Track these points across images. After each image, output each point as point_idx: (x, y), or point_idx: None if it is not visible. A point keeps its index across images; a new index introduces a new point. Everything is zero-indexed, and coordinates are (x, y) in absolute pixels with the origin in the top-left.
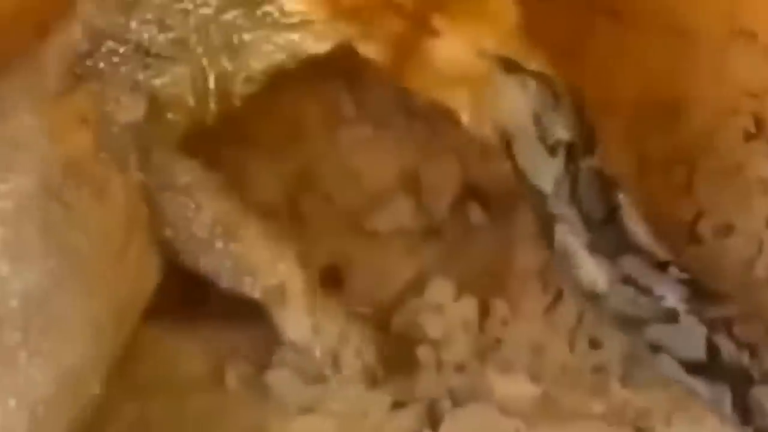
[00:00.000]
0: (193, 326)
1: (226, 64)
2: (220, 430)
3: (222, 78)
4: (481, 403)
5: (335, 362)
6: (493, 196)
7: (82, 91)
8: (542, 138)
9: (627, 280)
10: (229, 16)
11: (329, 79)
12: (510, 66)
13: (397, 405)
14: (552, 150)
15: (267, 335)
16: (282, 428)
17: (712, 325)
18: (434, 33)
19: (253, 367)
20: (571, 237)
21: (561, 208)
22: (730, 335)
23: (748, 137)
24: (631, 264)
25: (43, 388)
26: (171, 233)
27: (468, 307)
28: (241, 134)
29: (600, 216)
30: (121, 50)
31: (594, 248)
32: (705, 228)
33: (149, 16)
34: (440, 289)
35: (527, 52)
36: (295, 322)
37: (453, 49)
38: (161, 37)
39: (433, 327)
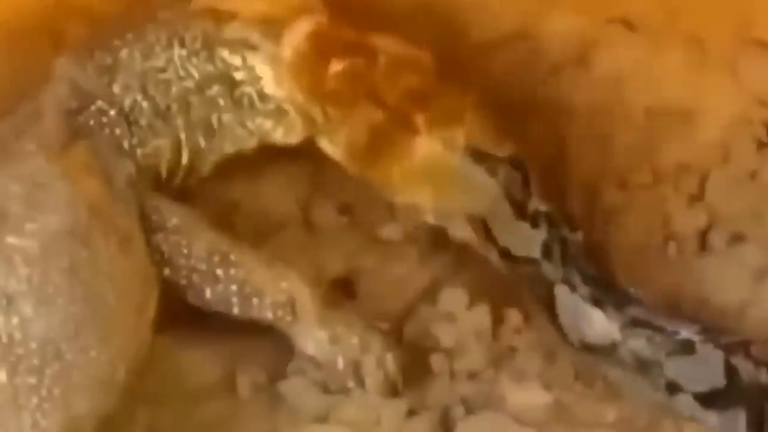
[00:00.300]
0: (206, 334)
1: (201, 142)
2: None
3: (194, 154)
4: (494, 410)
5: (357, 373)
6: None
7: (79, 144)
8: (520, 213)
9: (638, 323)
10: (211, 92)
11: None
12: (479, 156)
13: (411, 413)
14: (533, 221)
15: (279, 343)
16: None
17: (728, 349)
18: (414, 130)
19: (266, 374)
20: (573, 295)
21: (556, 270)
22: (748, 356)
23: (760, 146)
24: (637, 310)
25: None
26: (171, 272)
27: (481, 315)
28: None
29: (595, 272)
30: (111, 112)
31: (598, 302)
32: (717, 237)
33: (132, 82)
34: (453, 298)
35: (495, 140)
36: (311, 336)
37: (428, 146)
38: (144, 105)
39: (446, 336)
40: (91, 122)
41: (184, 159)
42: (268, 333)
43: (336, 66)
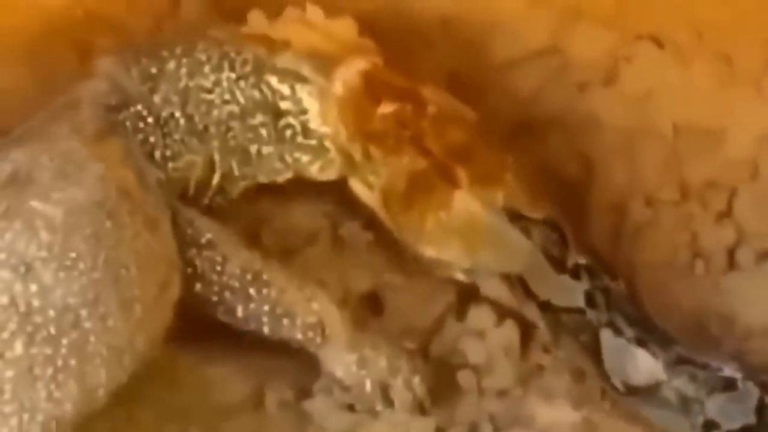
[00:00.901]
0: (234, 351)
1: (235, 168)
2: None
3: (226, 178)
4: (522, 428)
5: (386, 395)
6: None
7: (113, 139)
8: (560, 268)
9: (682, 361)
10: (254, 120)
11: None
12: (514, 217)
13: (439, 430)
14: (574, 274)
15: (306, 361)
16: None
17: (764, 386)
18: (455, 184)
19: (293, 392)
20: (618, 339)
21: (601, 315)
22: None
23: None
24: (680, 349)
25: (61, 406)
26: (202, 288)
27: (509, 333)
28: None
29: (638, 315)
30: (149, 119)
31: (643, 342)
32: (745, 254)
33: (173, 96)
34: (481, 315)
35: (532, 202)
36: (339, 359)
37: (467, 202)
38: (181, 121)
39: (474, 353)
40: (128, 123)
41: (215, 180)
42: (295, 350)
43: (385, 108)
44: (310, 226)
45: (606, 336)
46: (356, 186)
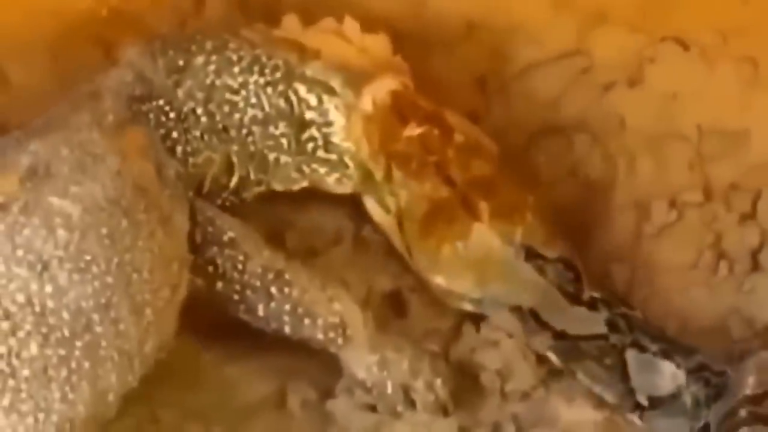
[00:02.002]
0: (256, 350)
1: (252, 173)
2: None
3: (241, 181)
4: (545, 428)
5: (407, 397)
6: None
7: (136, 128)
8: (576, 301)
9: (702, 368)
10: (276, 130)
11: None
12: (530, 254)
13: (462, 430)
14: (591, 306)
15: (329, 360)
16: None
17: None
18: (476, 216)
19: (316, 391)
20: (645, 355)
21: (625, 338)
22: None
23: None
24: (701, 357)
25: (75, 408)
26: (223, 287)
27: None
28: None
29: (659, 330)
30: (171, 114)
31: (667, 354)
32: None
33: (197, 92)
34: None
35: (549, 241)
36: (361, 360)
37: (486, 235)
38: (203, 119)
39: (495, 354)
40: (151, 116)
41: (233, 182)
42: (318, 350)
43: (413, 130)
44: (334, 226)
45: (631, 355)
46: (370, 204)
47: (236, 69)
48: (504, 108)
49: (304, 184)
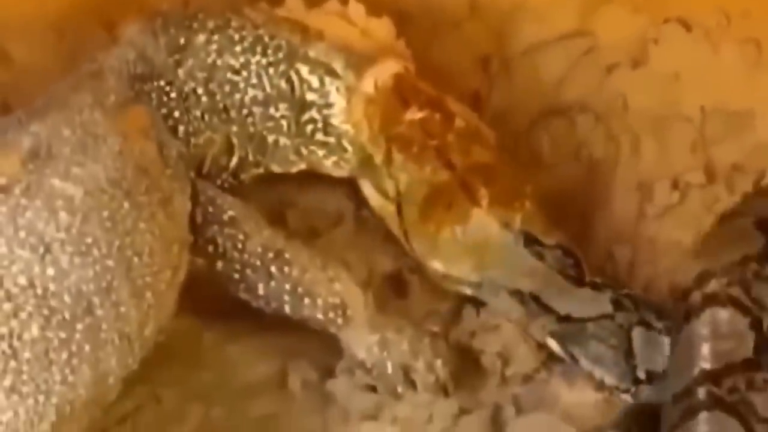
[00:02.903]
0: (257, 330)
1: (250, 154)
2: None
3: (240, 163)
4: (546, 409)
5: (407, 378)
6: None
7: (138, 108)
8: (579, 283)
9: None
10: (277, 111)
11: None
12: (528, 241)
13: (462, 411)
14: (594, 287)
15: (329, 340)
16: None
17: None
18: (476, 202)
19: (316, 371)
20: (650, 332)
21: (631, 316)
22: None
23: None
24: None
25: (75, 390)
26: (223, 266)
27: None
28: None
29: (663, 306)
30: (172, 95)
31: (669, 331)
32: None
33: (197, 71)
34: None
35: (548, 228)
36: (361, 340)
37: (485, 221)
38: (203, 99)
39: (494, 338)
40: (153, 96)
41: (233, 163)
42: (318, 330)
43: (414, 113)
44: (335, 207)
45: (637, 333)
46: (367, 189)
47: (238, 48)
48: (507, 88)
49: (302, 166)
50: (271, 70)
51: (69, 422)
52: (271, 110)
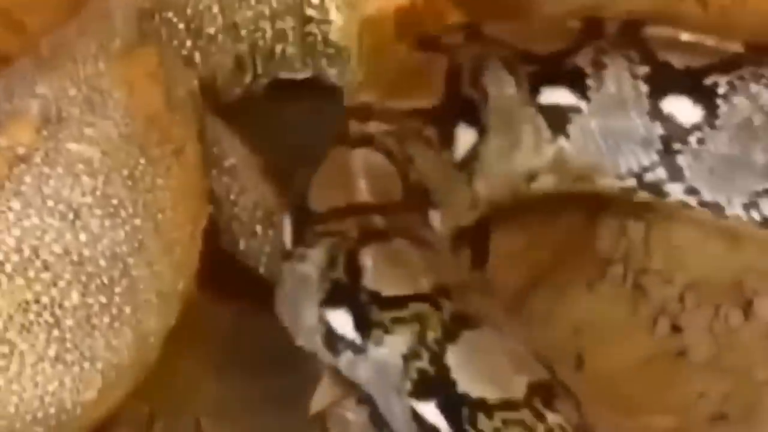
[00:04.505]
0: (273, 304)
1: (259, 65)
2: (297, 409)
3: (252, 78)
4: None
5: None
6: None
7: (146, 48)
8: None
9: None
10: (283, 24)
11: None
12: None
13: None
14: None
15: None
16: None
17: None
18: None
19: None
20: None
21: None
22: None
23: None
24: None
25: (119, 354)
26: (213, 211)
27: None
28: None
29: None
30: (180, 26)
31: None
32: None
33: None
34: None
35: None
36: None
37: None
38: (219, 18)
39: None
40: (162, 29)
41: (247, 79)
42: None
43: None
44: None
45: None
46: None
47: None
48: None
49: (308, 73)
50: None
51: (114, 387)
52: (278, 24)
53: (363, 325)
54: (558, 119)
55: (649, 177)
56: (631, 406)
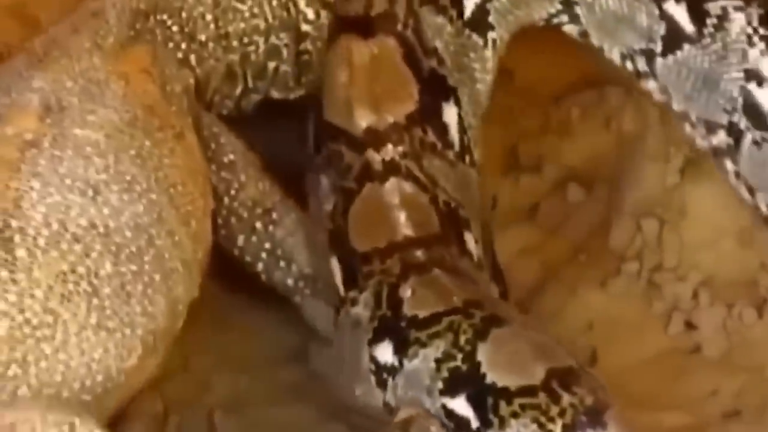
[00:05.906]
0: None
1: (249, 81)
2: (310, 402)
3: (242, 91)
4: None
5: None
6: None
7: (139, 46)
8: None
9: None
10: (278, 40)
11: None
12: None
13: None
14: None
15: None
16: None
17: None
18: None
19: None
20: None
21: None
22: None
23: None
24: None
25: (156, 321)
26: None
27: None
28: None
29: None
30: (174, 28)
31: None
32: None
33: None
34: None
35: None
36: (323, 312)
37: None
38: (212, 26)
39: None
40: (157, 31)
41: (237, 90)
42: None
43: None
44: None
45: None
46: None
47: None
48: (538, 63)
49: (301, 92)
50: (273, 1)
51: (151, 355)
52: (272, 39)
53: (401, 348)
54: None
55: (555, 21)
56: (643, 403)
